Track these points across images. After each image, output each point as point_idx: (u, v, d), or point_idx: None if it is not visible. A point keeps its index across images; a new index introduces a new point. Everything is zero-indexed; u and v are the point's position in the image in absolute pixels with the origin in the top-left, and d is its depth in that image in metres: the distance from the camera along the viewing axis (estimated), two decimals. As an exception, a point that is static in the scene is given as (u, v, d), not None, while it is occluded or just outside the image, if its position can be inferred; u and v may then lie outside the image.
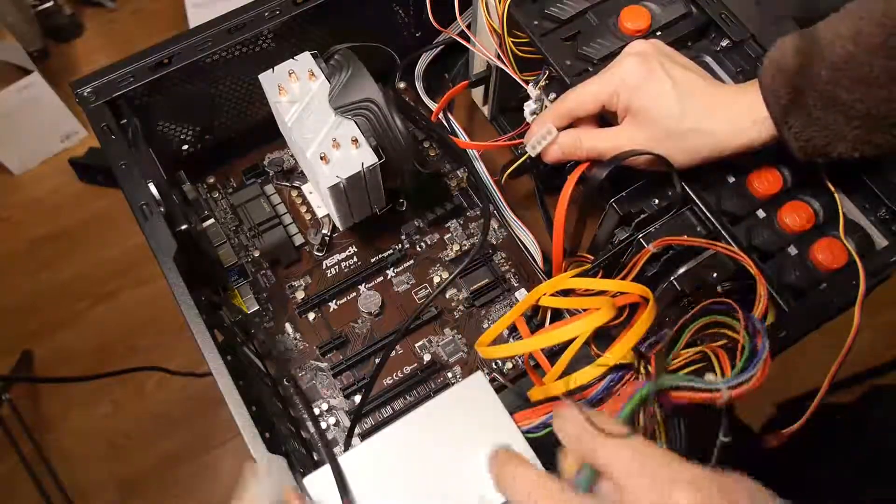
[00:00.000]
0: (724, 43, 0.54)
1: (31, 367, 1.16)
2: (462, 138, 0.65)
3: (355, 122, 0.54)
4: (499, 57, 0.57)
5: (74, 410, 1.14)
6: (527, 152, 0.52)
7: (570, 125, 0.50)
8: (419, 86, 0.68)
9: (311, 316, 0.63)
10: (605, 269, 0.53)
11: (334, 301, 0.63)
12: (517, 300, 0.63)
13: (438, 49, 0.67)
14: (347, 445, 0.56)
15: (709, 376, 0.38)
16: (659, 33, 0.53)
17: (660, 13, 0.54)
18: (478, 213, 0.67)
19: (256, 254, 0.65)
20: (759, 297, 0.45)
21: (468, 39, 0.60)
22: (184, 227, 0.52)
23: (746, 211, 0.50)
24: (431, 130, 0.68)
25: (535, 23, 0.54)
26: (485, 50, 0.59)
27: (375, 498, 0.43)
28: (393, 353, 0.61)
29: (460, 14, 0.59)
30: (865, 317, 0.43)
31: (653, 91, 0.46)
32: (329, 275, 0.64)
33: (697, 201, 0.49)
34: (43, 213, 1.30)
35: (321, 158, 0.53)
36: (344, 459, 0.44)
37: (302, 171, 0.68)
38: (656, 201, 0.51)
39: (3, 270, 1.25)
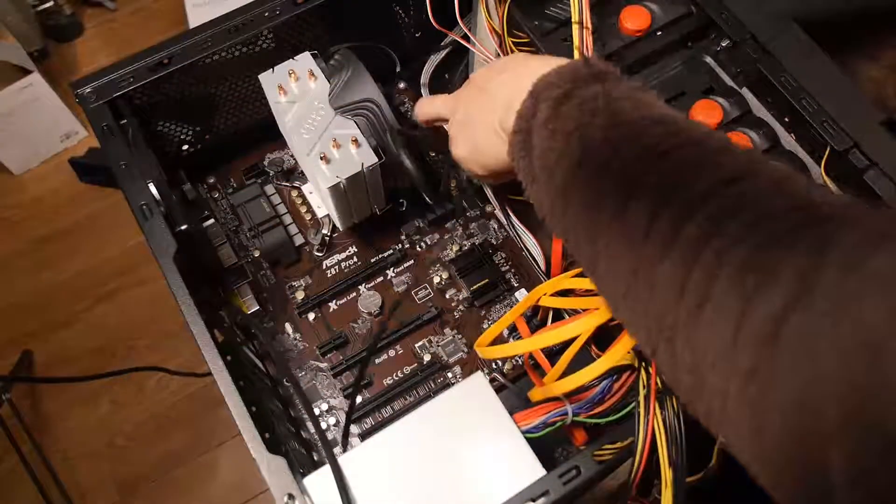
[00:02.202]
0: (725, 43, 0.54)
1: (31, 367, 1.16)
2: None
3: (355, 122, 0.54)
4: (499, 57, 0.57)
5: (74, 410, 1.14)
6: None
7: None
8: (424, 93, 0.68)
9: (311, 316, 0.63)
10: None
11: (334, 301, 0.63)
12: (517, 300, 0.63)
13: (445, 53, 0.67)
14: (345, 446, 0.56)
15: None
16: (659, 33, 0.54)
17: (660, 13, 0.54)
18: (478, 213, 0.67)
19: (256, 254, 0.65)
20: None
21: (468, 40, 0.60)
22: (184, 227, 0.52)
23: (746, 211, 0.49)
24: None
25: (535, 23, 0.54)
26: (485, 51, 0.59)
27: (375, 498, 0.43)
28: (393, 353, 0.61)
29: (461, 15, 0.59)
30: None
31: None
32: (329, 275, 0.64)
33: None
34: (43, 213, 1.30)
35: (321, 158, 0.53)
36: (344, 460, 0.44)
37: (302, 171, 0.68)
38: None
39: (4, 270, 1.25)
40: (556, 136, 0.36)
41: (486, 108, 0.44)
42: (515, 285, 0.64)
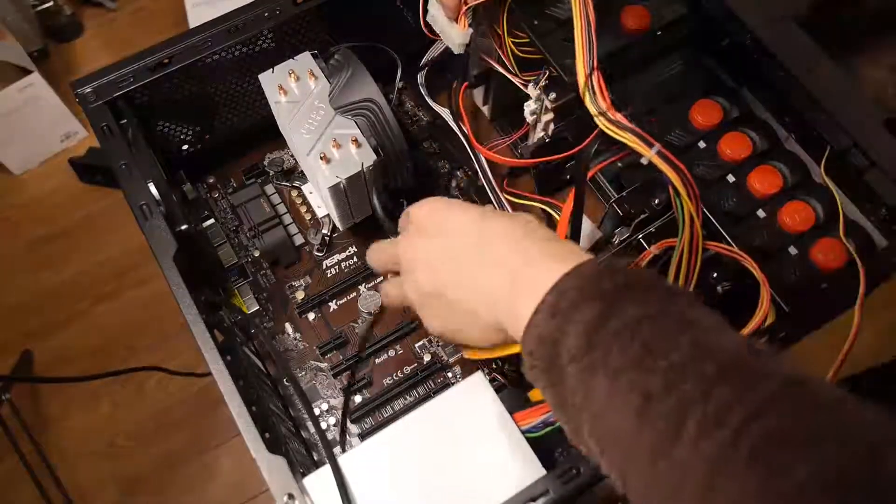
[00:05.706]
0: (725, 43, 0.54)
1: (31, 367, 1.16)
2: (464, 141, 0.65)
3: (355, 122, 0.54)
4: (498, 58, 0.57)
5: (74, 410, 1.14)
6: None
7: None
8: (423, 92, 0.67)
9: (311, 316, 0.63)
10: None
11: (334, 301, 0.63)
12: (517, 300, 0.63)
13: (440, 52, 0.67)
14: (343, 447, 0.56)
15: None
16: (659, 33, 0.53)
17: (660, 13, 0.54)
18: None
19: (256, 254, 0.65)
20: (762, 298, 0.45)
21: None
22: (184, 227, 0.53)
23: (746, 211, 0.50)
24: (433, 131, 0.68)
25: (535, 23, 0.54)
26: (483, 53, 0.59)
27: (375, 498, 0.43)
28: (393, 353, 0.61)
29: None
30: (865, 317, 0.43)
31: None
32: (329, 275, 0.64)
33: (697, 201, 0.49)
34: (43, 213, 1.29)
35: (321, 158, 0.53)
36: (344, 459, 0.44)
37: (302, 171, 0.68)
38: (656, 201, 0.51)
39: (3, 270, 1.25)
40: (595, 373, 0.30)
41: (462, 292, 0.39)
42: (515, 285, 0.64)
